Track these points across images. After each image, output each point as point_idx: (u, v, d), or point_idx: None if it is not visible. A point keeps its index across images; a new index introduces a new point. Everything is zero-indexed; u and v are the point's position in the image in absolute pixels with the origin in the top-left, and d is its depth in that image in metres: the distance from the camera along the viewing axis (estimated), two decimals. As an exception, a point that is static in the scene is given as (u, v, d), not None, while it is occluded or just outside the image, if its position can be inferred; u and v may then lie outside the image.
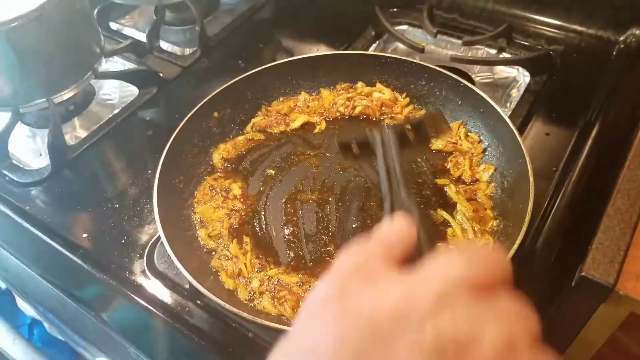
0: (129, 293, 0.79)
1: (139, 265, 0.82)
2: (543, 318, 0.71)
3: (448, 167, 0.86)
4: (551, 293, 0.71)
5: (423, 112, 0.95)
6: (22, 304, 1.42)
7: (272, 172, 0.89)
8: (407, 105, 0.96)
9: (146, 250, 0.83)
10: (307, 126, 0.97)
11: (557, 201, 0.83)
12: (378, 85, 0.99)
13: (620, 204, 0.56)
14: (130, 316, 0.80)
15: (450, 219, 0.78)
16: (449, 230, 0.78)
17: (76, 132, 1.09)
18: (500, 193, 0.81)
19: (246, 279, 0.75)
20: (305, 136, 0.95)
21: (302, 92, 1.00)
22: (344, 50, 1.15)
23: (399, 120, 0.92)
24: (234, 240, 0.79)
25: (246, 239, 0.80)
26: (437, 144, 0.89)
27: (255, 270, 0.76)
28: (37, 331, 1.48)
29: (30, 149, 1.07)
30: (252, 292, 0.73)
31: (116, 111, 1.08)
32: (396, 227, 0.34)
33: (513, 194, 0.78)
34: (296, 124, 0.96)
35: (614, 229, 0.54)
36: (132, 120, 1.06)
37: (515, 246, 0.65)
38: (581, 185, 0.83)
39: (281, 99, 1.00)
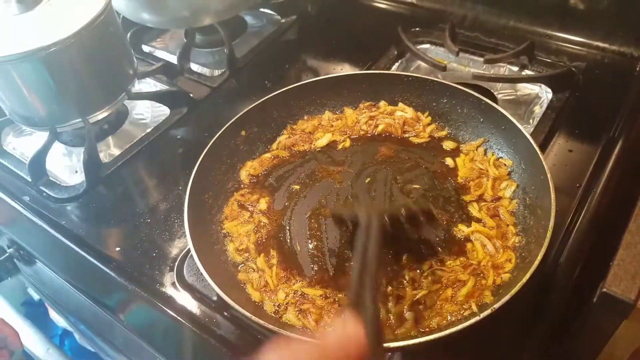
0: (159, 304, 0.82)
1: (169, 277, 0.85)
2: (566, 335, 0.71)
3: (469, 185, 0.87)
4: (575, 309, 0.71)
5: (422, 202, 0.85)
6: (54, 315, 1.47)
7: (297, 187, 0.91)
8: (429, 124, 0.98)
9: (176, 263, 0.86)
10: (331, 143, 0.99)
11: (581, 217, 0.83)
12: (400, 104, 1.01)
13: (642, 221, 0.56)
14: (159, 327, 0.83)
15: (470, 235, 0.79)
16: (469, 245, 0.79)
17: (110, 150, 1.13)
18: (522, 209, 0.82)
19: (272, 292, 0.77)
20: (329, 153, 0.98)
21: (327, 111, 1.03)
22: (366, 69, 1.18)
23: (399, 198, 0.88)
24: (261, 254, 0.81)
25: (273, 252, 0.82)
26: (463, 172, 0.89)
27: (281, 283, 0.78)
28: (68, 342, 1.52)
29: (66, 166, 1.12)
30: (277, 305, 0.75)
31: (148, 130, 1.12)
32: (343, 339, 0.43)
33: (535, 210, 0.79)
34: (321, 142, 0.98)
35: (636, 246, 0.54)
36: (164, 138, 1.11)
37: (537, 262, 0.66)
38: (604, 202, 0.83)
39: (306, 117, 1.03)
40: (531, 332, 0.72)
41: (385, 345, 0.63)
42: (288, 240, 0.84)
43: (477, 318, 0.63)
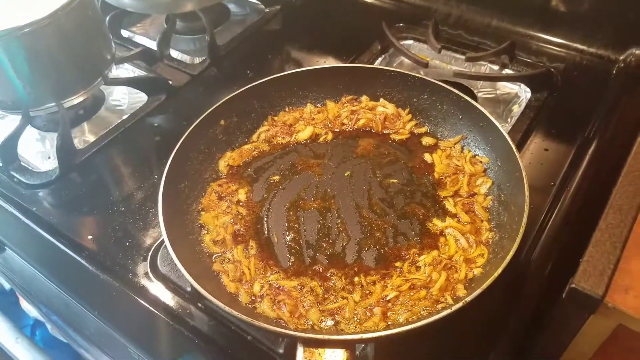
0: (131, 294, 0.81)
1: (142, 267, 0.84)
2: (536, 329, 0.72)
3: (446, 181, 0.88)
4: (546, 304, 0.72)
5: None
6: (25, 305, 1.44)
7: (276, 178, 0.91)
8: (410, 120, 0.98)
9: (150, 253, 0.85)
10: (312, 136, 0.99)
11: (554, 215, 0.84)
12: (382, 100, 1.01)
13: (612, 219, 0.57)
14: (132, 317, 0.82)
15: (444, 229, 0.80)
16: (441, 239, 0.80)
17: (85, 136, 1.11)
18: (497, 206, 0.83)
19: (248, 283, 0.76)
20: (310, 146, 0.97)
21: (308, 104, 1.02)
22: (350, 63, 1.18)
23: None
24: (239, 245, 0.81)
25: (252, 243, 0.81)
26: (439, 168, 0.90)
27: (258, 274, 0.78)
28: (39, 332, 1.49)
29: (39, 152, 1.09)
30: (252, 296, 0.75)
31: (125, 117, 1.10)
32: None
33: (509, 207, 0.80)
34: (303, 135, 0.98)
35: (605, 243, 0.55)
36: (140, 126, 1.09)
37: (509, 257, 0.66)
38: (577, 200, 0.85)
39: (287, 109, 1.02)
40: (503, 326, 0.73)
41: (354, 337, 0.63)
42: (266, 232, 0.83)
43: (448, 311, 0.64)
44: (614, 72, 1.10)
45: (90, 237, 0.90)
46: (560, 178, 0.90)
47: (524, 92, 1.09)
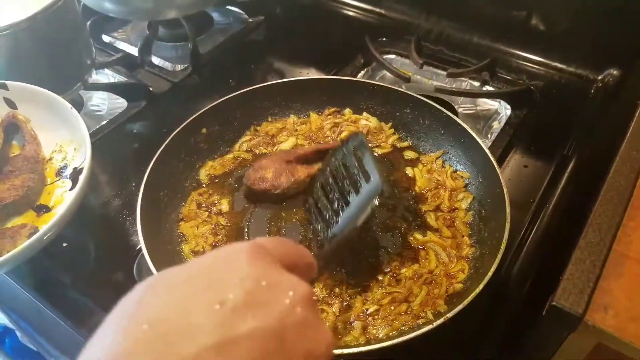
0: (107, 304, 0.78)
1: (119, 276, 0.81)
2: (516, 345, 0.72)
3: (427, 195, 0.88)
4: (524, 320, 0.73)
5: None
6: (-6, 313, 1.39)
7: (258, 189, 0.90)
8: (392, 134, 0.99)
9: (127, 263, 0.82)
10: (294, 147, 0.98)
11: (533, 232, 0.85)
12: (365, 113, 1.01)
13: (592, 237, 0.58)
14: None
15: (425, 244, 0.81)
16: (422, 253, 0.80)
17: (62, 141, 1.08)
18: (477, 221, 0.83)
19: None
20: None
21: (292, 115, 1.02)
22: (333, 75, 1.18)
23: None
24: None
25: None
26: (420, 183, 0.90)
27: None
28: (9, 340, 1.44)
29: (14, 156, 1.06)
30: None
31: (104, 122, 1.08)
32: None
33: (490, 222, 0.80)
34: (285, 146, 0.97)
35: (585, 261, 0.56)
36: (119, 132, 1.07)
37: (490, 273, 0.67)
38: (556, 217, 0.86)
39: (270, 119, 1.02)
40: (482, 342, 0.73)
41: (335, 351, 0.62)
42: (245, 243, 0.82)
43: (429, 326, 0.64)
44: (592, 91, 1.13)
45: (64, 244, 0.87)
46: (539, 195, 0.91)
47: (504, 109, 1.11)
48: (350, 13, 1.41)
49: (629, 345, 0.50)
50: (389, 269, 0.78)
